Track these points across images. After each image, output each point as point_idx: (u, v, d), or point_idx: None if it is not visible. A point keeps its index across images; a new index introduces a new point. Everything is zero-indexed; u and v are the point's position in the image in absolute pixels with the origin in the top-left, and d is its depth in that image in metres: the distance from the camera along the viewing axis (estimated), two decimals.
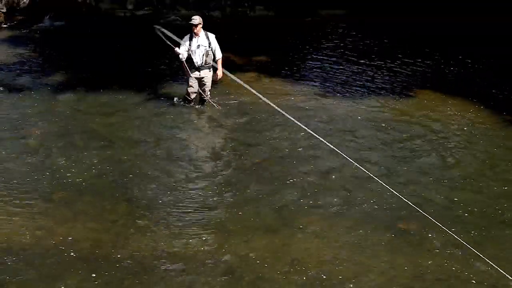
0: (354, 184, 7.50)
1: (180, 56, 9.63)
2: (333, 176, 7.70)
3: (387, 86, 11.12)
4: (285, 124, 9.30)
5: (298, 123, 7.93)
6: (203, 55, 9.64)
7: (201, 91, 9.90)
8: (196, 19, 9.65)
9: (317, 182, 7.55)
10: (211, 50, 9.67)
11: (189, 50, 9.66)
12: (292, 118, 7.96)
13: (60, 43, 14.24)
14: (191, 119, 9.66)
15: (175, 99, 10.08)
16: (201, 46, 9.64)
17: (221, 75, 9.85)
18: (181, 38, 9.78)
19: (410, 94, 10.74)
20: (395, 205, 6.96)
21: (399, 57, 12.72)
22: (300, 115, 9.66)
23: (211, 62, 9.74)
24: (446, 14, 14.41)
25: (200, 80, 9.82)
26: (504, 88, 10.89)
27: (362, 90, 10.93)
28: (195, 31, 9.60)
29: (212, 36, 9.71)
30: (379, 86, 11.15)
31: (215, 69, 9.85)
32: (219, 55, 9.75)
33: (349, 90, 10.93)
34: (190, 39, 9.68)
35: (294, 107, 10.01)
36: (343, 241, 6.31)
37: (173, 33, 9.82)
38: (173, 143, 8.78)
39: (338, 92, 10.79)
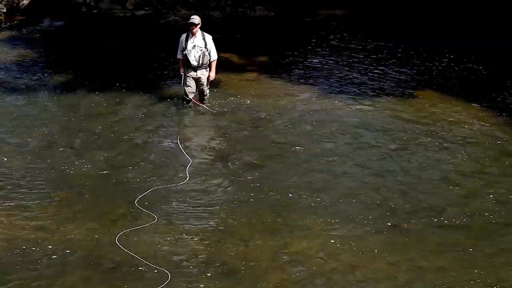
0: (355, 184, 7.49)
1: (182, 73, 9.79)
2: (334, 176, 7.69)
3: (389, 86, 11.10)
4: (285, 124, 9.30)
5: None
6: (199, 56, 9.61)
7: (200, 91, 9.88)
8: (196, 19, 9.62)
9: (317, 181, 7.54)
10: (207, 51, 9.66)
11: (184, 50, 9.65)
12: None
13: (60, 43, 14.24)
14: (191, 119, 9.65)
15: (176, 100, 10.07)
16: (196, 46, 9.60)
17: (213, 77, 9.87)
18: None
19: (412, 93, 10.72)
20: (397, 205, 6.95)
21: (400, 57, 12.71)
22: (300, 115, 9.68)
23: (208, 63, 9.74)
24: (446, 15, 14.40)
25: (197, 80, 9.80)
26: (504, 87, 10.89)
27: (363, 90, 10.91)
28: (193, 30, 9.58)
29: (208, 37, 9.68)
30: (380, 86, 11.12)
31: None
32: (214, 56, 9.73)
33: (350, 90, 10.92)
34: (186, 39, 9.65)
35: (294, 107, 10.00)
36: (344, 241, 6.30)
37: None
38: (172, 143, 8.76)
39: (338, 92, 10.77)
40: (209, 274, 5.73)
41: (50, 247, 6.11)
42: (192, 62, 9.63)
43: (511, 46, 12.57)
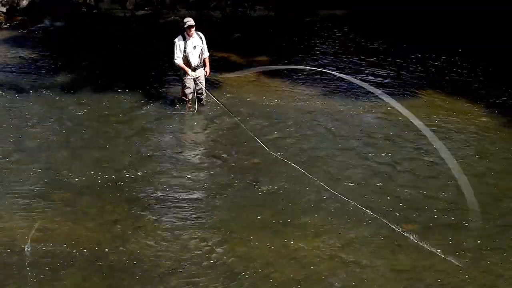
0: (356, 184, 7.49)
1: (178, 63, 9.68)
2: (334, 177, 7.69)
3: (389, 86, 11.09)
4: (286, 124, 9.30)
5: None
6: (199, 55, 9.66)
7: (197, 91, 9.88)
8: (192, 20, 9.62)
9: (317, 182, 7.54)
10: (203, 49, 9.73)
11: (185, 52, 9.63)
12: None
13: (60, 43, 14.24)
14: (190, 120, 9.65)
15: (176, 101, 10.05)
16: (197, 46, 9.63)
17: (209, 72, 9.97)
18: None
19: (413, 94, 10.72)
20: (397, 206, 6.95)
21: (400, 57, 12.70)
22: (300, 115, 9.68)
23: (203, 61, 9.81)
24: (446, 15, 14.40)
25: (195, 80, 9.80)
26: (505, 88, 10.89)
27: (363, 89, 10.90)
28: (191, 32, 9.57)
29: (203, 36, 9.77)
30: (380, 86, 11.11)
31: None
32: (207, 53, 9.84)
33: (350, 89, 10.91)
34: (184, 41, 9.61)
35: (294, 107, 10.00)
36: (344, 241, 6.30)
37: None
38: (172, 143, 8.77)
39: (338, 92, 10.77)
40: (209, 275, 5.73)
41: (50, 247, 6.12)
42: (193, 63, 9.65)
43: (511, 46, 12.57)
